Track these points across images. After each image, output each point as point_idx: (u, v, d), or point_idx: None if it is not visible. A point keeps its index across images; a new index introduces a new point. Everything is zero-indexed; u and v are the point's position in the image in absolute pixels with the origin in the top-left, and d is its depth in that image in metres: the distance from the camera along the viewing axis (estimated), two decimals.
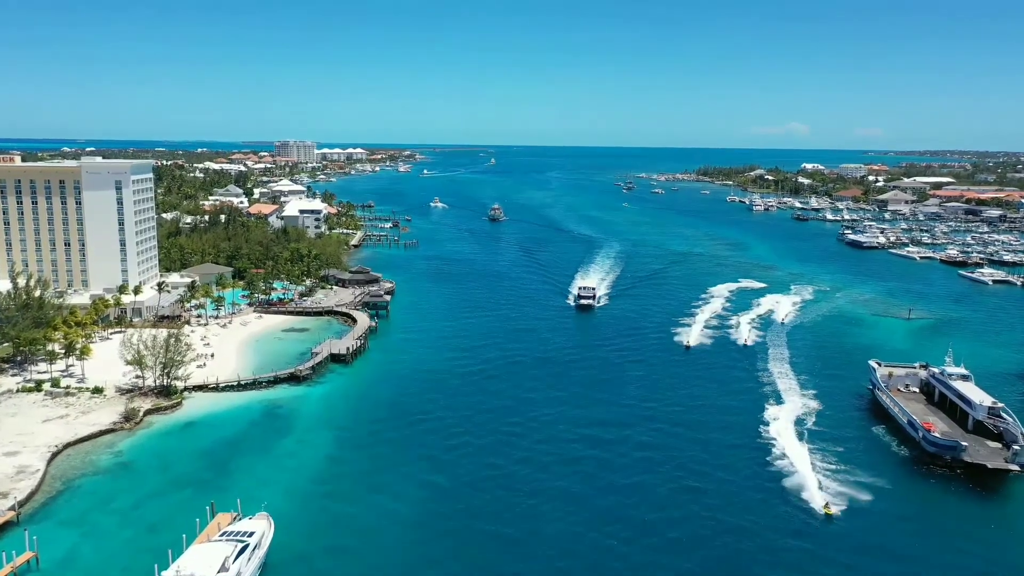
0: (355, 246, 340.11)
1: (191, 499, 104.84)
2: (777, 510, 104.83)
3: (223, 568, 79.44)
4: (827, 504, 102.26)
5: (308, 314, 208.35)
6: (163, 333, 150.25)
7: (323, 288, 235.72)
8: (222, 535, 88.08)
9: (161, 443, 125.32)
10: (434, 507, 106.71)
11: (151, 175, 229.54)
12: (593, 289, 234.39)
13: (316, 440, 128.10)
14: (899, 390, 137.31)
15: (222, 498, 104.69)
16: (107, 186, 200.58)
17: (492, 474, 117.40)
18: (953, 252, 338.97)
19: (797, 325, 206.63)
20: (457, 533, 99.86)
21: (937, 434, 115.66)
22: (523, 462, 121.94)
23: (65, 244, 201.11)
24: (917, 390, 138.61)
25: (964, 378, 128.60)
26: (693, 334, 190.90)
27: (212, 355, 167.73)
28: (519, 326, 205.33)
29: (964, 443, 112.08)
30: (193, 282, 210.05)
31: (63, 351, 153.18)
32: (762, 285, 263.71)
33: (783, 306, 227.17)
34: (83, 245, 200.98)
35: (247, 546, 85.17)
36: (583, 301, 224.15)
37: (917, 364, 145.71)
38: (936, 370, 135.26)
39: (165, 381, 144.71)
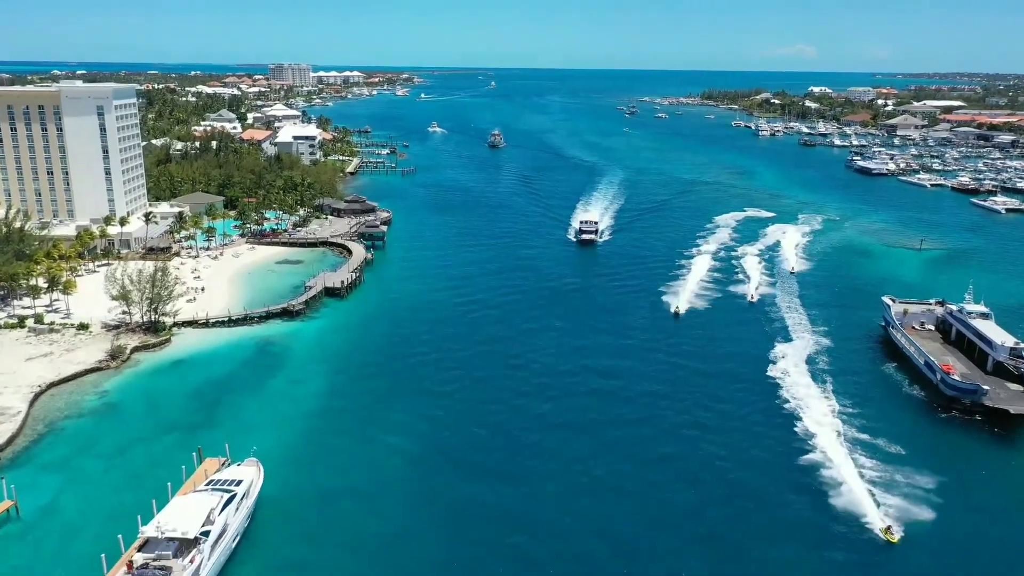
0: (351, 173, 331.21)
1: (178, 443, 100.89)
2: (787, 448, 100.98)
3: (208, 521, 75.46)
4: (888, 528, 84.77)
5: (302, 245, 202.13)
6: (149, 267, 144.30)
7: (317, 218, 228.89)
8: (208, 484, 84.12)
9: (148, 383, 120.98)
10: (434, 445, 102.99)
11: (135, 100, 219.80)
12: (595, 223, 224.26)
13: (309, 378, 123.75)
14: (914, 328, 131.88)
15: (211, 441, 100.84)
16: (88, 112, 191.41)
17: (494, 409, 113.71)
18: (965, 179, 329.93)
19: (805, 258, 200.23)
20: (458, 473, 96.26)
21: (957, 377, 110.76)
22: (525, 395, 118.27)
23: (48, 173, 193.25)
24: (933, 328, 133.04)
25: (984, 316, 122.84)
26: (696, 270, 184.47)
27: (202, 289, 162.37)
28: (519, 258, 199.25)
29: (985, 387, 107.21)
30: (181, 213, 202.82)
31: (47, 285, 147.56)
32: (769, 214, 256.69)
33: (790, 236, 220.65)
34: (66, 174, 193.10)
35: (234, 496, 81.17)
36: (585, 236, 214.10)
37: (933, 301, 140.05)
38: (954, 307, 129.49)
39: (153, 317, 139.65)
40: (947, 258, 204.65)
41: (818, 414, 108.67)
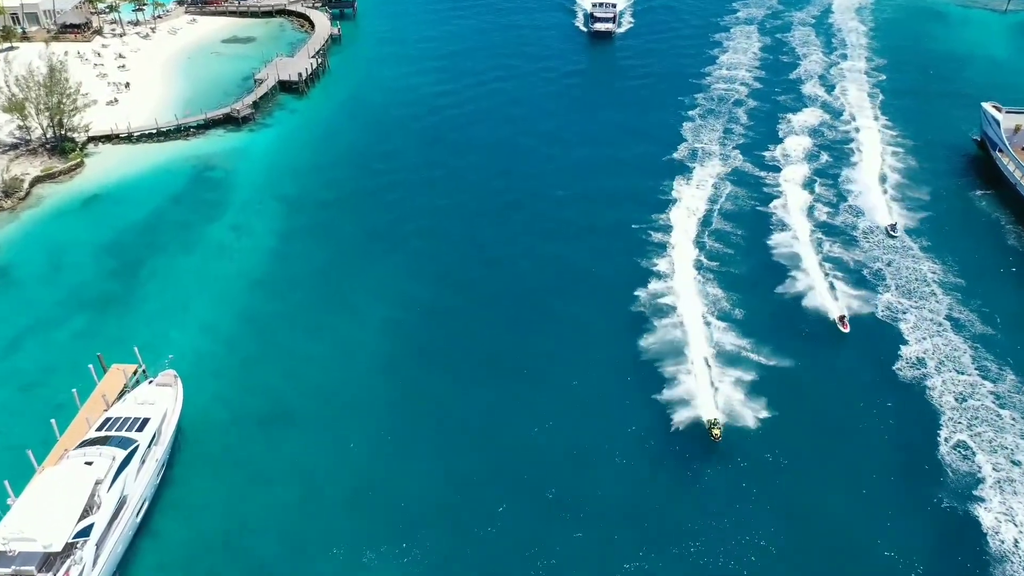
0: None
1: (81, 333, 78.69)
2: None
3: (89, 507, 54.46)
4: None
5: (254, 15, 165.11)
6: (43, 65, 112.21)
7: None
8: (102, 427, 62.16)
9: (50, 234, 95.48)
10: (416, 335, 79.82)
11: None
12: (613, 7, 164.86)
13: (255, 223, 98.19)
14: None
15: (124, 326, 79.01)
16: None
17: (490, 274, 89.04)
18: None
19: (866, 28, 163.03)
20: (448, 368, 74.45)
21: None
22: (541, 235, 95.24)
23: None
24: None
25: None
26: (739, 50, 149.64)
27: (127, 84, 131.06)
28: (520, 50, 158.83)
29: None
30: None
31: None
32: None
33: None
34: None
35: (135, 449, 59.73)
36: (599, 26, 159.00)
37: None
38: None
39: (59, 133, 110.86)
40: None
41: (909, 281, 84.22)
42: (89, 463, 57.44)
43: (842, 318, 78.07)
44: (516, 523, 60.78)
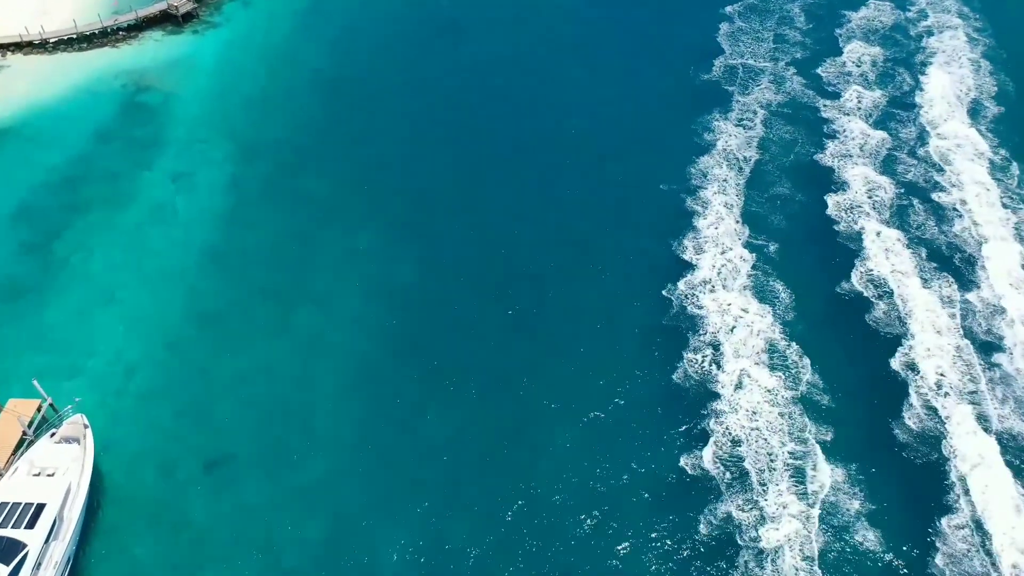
0: None
1: None
2: None
3: None
4: None
5: None
6: None
7: None
8: None
9: None
10: (398, 335, 64.62)
11: None
12: None
13: (202, 172, 79.90)
14: None
15: (28, 332, 64.61)
16: None
17: (489, 245, 72.71)
18: None
19: None
20: (435, 414, 59.97)
21: None
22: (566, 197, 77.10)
23: None
24: None
25: None
26: None
27: None
28: None
29: None
30: None
31: None
32: None
33: None
34: None
35: (23, 559, 46.19)
36: None
37: None
38: None
39: None
40: None
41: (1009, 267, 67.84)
42: None
43: None
44: None
